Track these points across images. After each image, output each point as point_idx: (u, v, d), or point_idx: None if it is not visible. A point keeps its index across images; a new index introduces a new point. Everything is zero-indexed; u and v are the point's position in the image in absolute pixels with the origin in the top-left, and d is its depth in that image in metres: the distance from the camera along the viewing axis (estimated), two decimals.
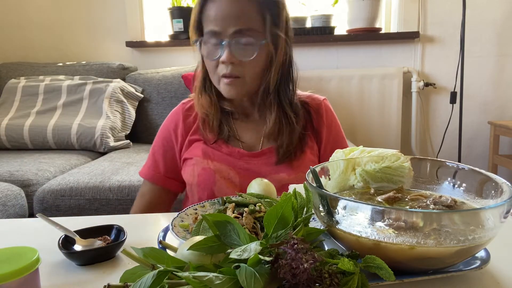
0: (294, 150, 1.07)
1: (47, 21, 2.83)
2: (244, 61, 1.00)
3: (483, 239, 0.53)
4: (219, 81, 1.04)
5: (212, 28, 0.99)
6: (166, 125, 1.18)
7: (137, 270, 0.50)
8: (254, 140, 1.12)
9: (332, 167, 0.75)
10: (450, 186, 0.71)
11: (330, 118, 1.16)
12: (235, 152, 1.09)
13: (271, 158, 1.08)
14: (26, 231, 0.84)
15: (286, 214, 0.51)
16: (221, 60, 1.00)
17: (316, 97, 1.18)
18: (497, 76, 2.67)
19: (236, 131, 1.12)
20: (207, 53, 1.02)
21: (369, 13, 2.60)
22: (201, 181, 1.05)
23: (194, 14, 1.04)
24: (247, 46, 0.99)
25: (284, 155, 1.06)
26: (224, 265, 0.47)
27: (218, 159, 1.07)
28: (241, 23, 0.98)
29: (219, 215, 0.52)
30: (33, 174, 1.81)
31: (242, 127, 1.13)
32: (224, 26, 0.98)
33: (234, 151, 1.09)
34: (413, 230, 0.53)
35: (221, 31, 0.98)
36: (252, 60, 1.00)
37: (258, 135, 1.12)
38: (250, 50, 0.99)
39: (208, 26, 1.01)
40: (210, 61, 1.03)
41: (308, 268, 0.39)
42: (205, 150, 1.09)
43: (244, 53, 0.99)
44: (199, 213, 0.79)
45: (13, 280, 0.48)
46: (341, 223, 0.56)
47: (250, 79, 1.03)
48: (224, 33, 0.98)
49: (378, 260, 0.48)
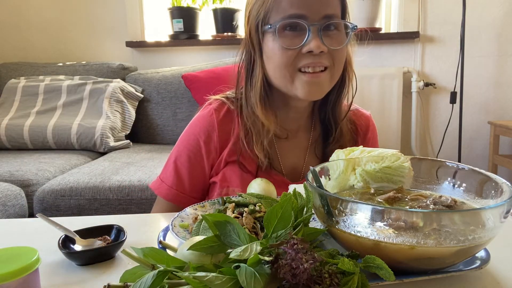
0: None
1: (47, 21, 2.84)
2: (332, 52, 0.85)
3: (483, 239, 0.53)
4: (295, 78, 0.86)
5: (295, 11, 0.83)
6: (194, 135, 0.96)
7: (137, 270, 0.50)
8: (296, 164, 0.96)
9: (332, 167, 0.75)
10: (450, 186, 0.71)
11: (375, 138, 1.06)
12: (278, 181, 0.90)
13: None
14: (26, 231, 0.84)
15: (286, 214, 0.51)
16: (307, 49, 0.83)
17: (363, 114, 1.05)
18: (497, 76, 2.67)
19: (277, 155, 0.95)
20: (285, 41, 0.84)
21: (369, 13, 2.60)
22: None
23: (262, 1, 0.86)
24: (336, 33, 0.86)
25: None
26: (224, 265, 0.47)
27: None
28: (329, 8, 0.84)
29: (219, 215, 0.52)
30: (33, 174, 1.81)
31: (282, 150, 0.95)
32: (312, 10, 0.83)
33: (277, 179, 0.91)
34: (413, 230, 0.53)
35: (308, 15, 0.83)
36: (341, 50, 0.86)
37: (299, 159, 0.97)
38: (340, 37, 0.86)
39: (287, 11, 0.83)
40: (287, 52, 0.84)
41: (308, 268, 0.39)
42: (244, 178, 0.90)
43: (334, 41, 0.85)
44: (199, 213, 0.79)
45: (13, 280, 0.48)
46: (341, 223, 0.56)
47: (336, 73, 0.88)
48: (312, 17, 0.83)
49: (378, 260, 0.48)
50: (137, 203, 1.64)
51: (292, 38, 0.84)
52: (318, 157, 0.97)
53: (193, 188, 0.96)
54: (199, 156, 0.95)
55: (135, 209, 1.64)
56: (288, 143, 0.97)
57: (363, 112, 1.06)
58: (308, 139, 0.98)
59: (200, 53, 2.78)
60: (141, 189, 1.65)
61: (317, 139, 0.98)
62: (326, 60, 0.85)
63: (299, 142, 0.98)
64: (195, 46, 2.76)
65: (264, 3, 0.86)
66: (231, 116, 0.96)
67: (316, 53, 0.83)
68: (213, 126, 0.94)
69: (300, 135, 0.98)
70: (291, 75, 0.86)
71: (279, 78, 0.88)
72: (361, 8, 2.59)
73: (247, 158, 0.93)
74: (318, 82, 0.85)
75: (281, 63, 0.86)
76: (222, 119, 0.95)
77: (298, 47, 0.84)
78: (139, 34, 2.83)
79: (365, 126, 1.04)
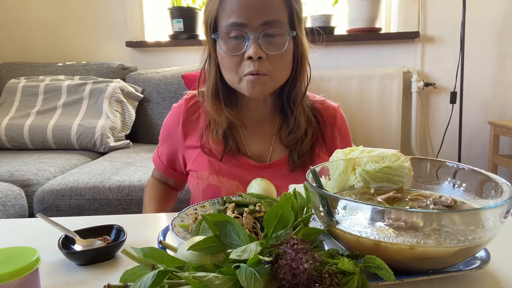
0: (307, 161, 1.01)
1: (47, 21, 2.84)
2: (272, 56, 0.91)
3: (483, 239, 0.53)
4: (240, 80, 0.94)
5: (235, 20, 0.89)
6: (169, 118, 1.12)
7: (137, 270, 0.50)
8: (262, 150, 1.05)
9: (332, 167, 0.75)
10: (450, 186, 0.71)
11: (345, 128, 1.11)
12: (244, 163, 1.02)
13: (281, 169, 1.01)
14: (26, 231, 0.84)
15: (286, 214, 0.51)
16: (247, 55, 0.90)
17: (330, 105, 1.10)
18: (497, 76, 2.67)
19: (243, 141, 1.05)
20: (228, 48, 0.92)
21: (369, 13, 2.60)
22: (206, 198, 0.98)
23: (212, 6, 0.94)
24: (276, 38, 0.92)
25: (296, 167, 1.00)
26: (224, 265, 0.47)
27: (225, 174, 1.01)
28: (269, 14, 0.90)
29: (219, 215, 0.52)
30: (33, 174, 1.81)
31: (248, 137, 1.06)
32: (250, 18, 0.89)
33: (242, 162, 1.02)
34: (413, 230, 0.53)
35: (247, 23, 0.89)
36: (280, 54, 0.92)
37: (266, 145, 1.05)
38: (280, 43, 0.92)
39: (229, 18, 0.90)
40: (232, 58, 0.92)
41: (308, 268, 0.39)
42: (211, 162, 1.02)
43: (273, 47, 0.91)
44: (199, 213, 0.79)
45: (13, 280, 0.48)
46: (341, 223, 0.56)
47: (277, 76, 0.95)
48: (251, 25, 0.89)
49: (378, 260, 0.48)
50: (137, 203, 1.64)
51: (234, 45, 0.92)
52: (284, 144, 1.04)
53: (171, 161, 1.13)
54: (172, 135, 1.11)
55: (135, 209, 1.64)
56: (254, 131, 1.06)
57: (330, 103, 1.12)
58: (273, 127, 1.06)
59: (200, 53, 2.75)
60: (141, 189, 1.65)
61: (280, 128, 1.06)
62: (264, 68, 0.91)
63: (265, 130, 1.06)
64: (195, 46, 2.76)
65: (211, 12, 0.94)
66: (197, 107, 1.08)
67: (255, 58, 0.90)
68: (179, 113, 1.09)
69: (266, 124, 1.07)
70: (238, 76, 0.94)
71: (229, 79, 0.97)
72: (361, 8, 2.59)
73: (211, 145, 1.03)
74: (260, 82, 0.93)
75: (229, 68, 0.95)
76: (189, 108, 1.08)
77: (240, 53, 0.91)
78: (139, 34, 2.83)
79: (332, 117, 1.08)
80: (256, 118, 1.06)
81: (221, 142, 1.02)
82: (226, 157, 1.02)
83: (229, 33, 0.92)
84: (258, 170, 1.01)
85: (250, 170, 1.01)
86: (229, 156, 1.02)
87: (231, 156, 1.02)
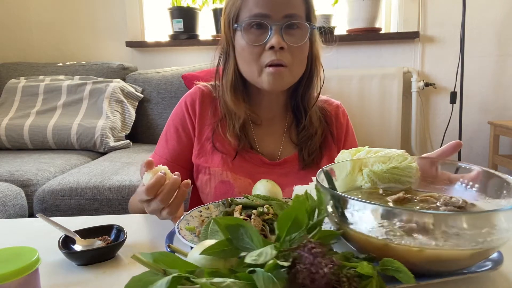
0: (316, 159, 1.03)
1: (47, 21, 2.82)
2: (292, 48, 0.94)
3: (499, 241, 0.53)
4: (261, 72, 0.96)
5: (259, 10, 0.93)
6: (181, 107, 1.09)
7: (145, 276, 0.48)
8: (272, 148, 1.07)
9: (338, 168, 0.74)
10: (462, 187, 0.71)
11: (349, 124, 1.13)
12: (256, 159, 1.03)
13: (292, 167, 1.03)
14: (26, 231, 0.84)
15: (299, 217, 0.50)
16: (269, 45, 0.93)
17: (333, 102, 1.14)
18: (497, 76, 2.67)
19: (254, 138, 1.06)
20: (250, 38, 0.94)
21: (369, 13, 2.59)
22: (218, 194, 1.01)
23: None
24: (296, 31, 0.95)
25: (307, 165, 1.02)
26: (239, 269, 0.46)
27: (238, 170, 1.01)
28: (290, 8, 0.94)
29: (231, 218, 0.51)
30: (33, 174, 1.80)
31: (259, 134, 1.07)
32: (274, 9, 0.93)
33: (255, 158, 1.03)
34: (425, 232, 0.52)
35: (271, 14, 0.93)
36: (300, 47, 0.95)
37: (276, 143, 1.07)
38: (301, 35, 0.95)
39: (253, 10, 0.94)
40: (253, 48, 0.95)
41: (327, 273, 0.38)
42: (224, 159, 1.02)
43: (294, 39, 0.94)
44: (204, 215, 0.78)
45: (13, 280, 0.48)
46: (355, 224, 0.55)
47: (295, 69, 0.98)
48: (274, 16, 0.93)
49: (397, 263, 0.47)
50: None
51: (257, 35, 0.95)
52: (294, 142, 1.07)
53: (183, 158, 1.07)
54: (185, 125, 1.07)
55: None
56: (265, 129, 1.07)
57: (333, 101, 1.15)
58: (284, 126, 1.09)
59: (200, 53, 2.77)
60: None
61: (291, 126, 1.08)
62: (286, 58, 0.94)
63: (275, 128, 1.08)
64: (195, 46, 2.75)
65: (234, 3, 0.97)
66: (211, 98, 1.08)
67: (277, 48, 0.92)
68: (195, 100, 1.07)
69: (276, 122, 1.09)
70: (257, 69, 0.96)
71: (248, 72, 0.99)
72: (361, 8, 2.59)
73: (225, 140, 1.03)
74: (280, 74, 0.95)
75: (249, 59, 0.96)
76: (205, 96, 1.08)
77: (262, 44, 0.94)
78: (139, 34, 2.82)
79: (335, 114, 1.12)
80: (268, 116, 1.08)
81: (236, 137, 1.02)
82: (239, 154, 1.03)
83: (251, 24, 0.94)
84: (269, 167, 1.03)
85: (262, 167, 1.03)
86: (242, 153, 1.03)
87: (244, 152, 1.03)
